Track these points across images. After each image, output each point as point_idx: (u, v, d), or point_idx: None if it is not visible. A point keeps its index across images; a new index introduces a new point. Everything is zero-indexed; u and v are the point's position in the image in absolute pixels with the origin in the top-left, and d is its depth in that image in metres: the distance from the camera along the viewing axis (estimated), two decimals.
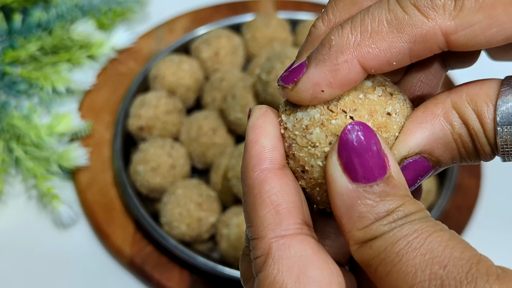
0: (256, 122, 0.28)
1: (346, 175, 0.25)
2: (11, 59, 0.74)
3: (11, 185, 0.69)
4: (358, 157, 0.25)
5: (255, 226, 0.26)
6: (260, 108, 0.29)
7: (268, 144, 0.27)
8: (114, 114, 0.73)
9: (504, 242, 0.66)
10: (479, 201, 0.68)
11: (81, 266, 0.64)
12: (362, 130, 0.25)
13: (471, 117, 0.27)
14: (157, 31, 0.81)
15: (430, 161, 0.28)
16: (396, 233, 0.24)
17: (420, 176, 0.28)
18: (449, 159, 0.28)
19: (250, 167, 0.27)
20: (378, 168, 0.25)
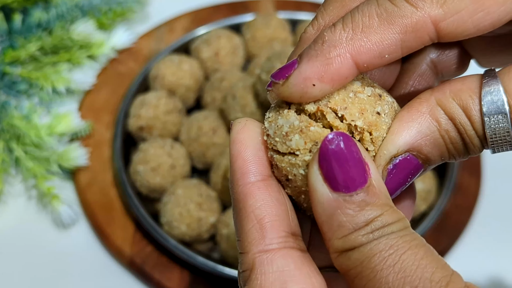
0: (237, 136, 0.28)
1: (326, 184, 0.25)
2: (11, 59, 0.74)
3: (11, 185, 0.69)
4: (338, 167, 0.25)
5: (241, 240, 0.27)
6: (240, 122, 0.29)
7: (250, 157, 0.28)
8: (114, 114, 0.73)
9: (504, 242, 0.66)
10: (479, 201, 0.68)
11: (81, 266, 0.64)
12: (342, 140, 0.25)
13: (457, 111, 0.27)
14: (157, 31, 0.81)
15: (419, 159, 0.28)
16: (373, 247, 0.25)
17: (411, 174, 0.28)
18: (437, 156, 0.28)
19: (235, 181, 0.27)
20: (359, 177, 0.25)
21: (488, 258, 0.65)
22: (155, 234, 0.62)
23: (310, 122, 0.27)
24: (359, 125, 0.28)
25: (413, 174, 0.28)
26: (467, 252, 0.65)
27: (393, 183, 0.28)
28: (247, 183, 0.27)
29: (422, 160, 0.28)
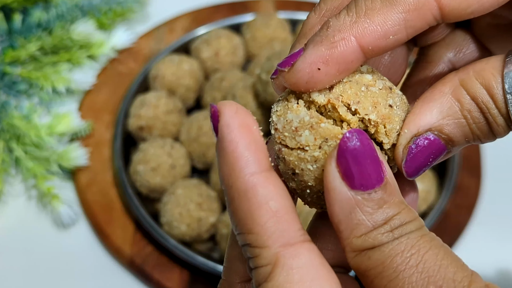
0: (232, 121, 0.26)
1: (345, 182, 0.25)
2: (11, 59, 0.74)
3: (11, 185, 0.69)
4: (357, 165, 0.25)
5: (257, 234, 0.25)
6: (231, 105, 0.27)
7: (251, 145, 0.26)
8: (114, 114, 0.73)
9: (504, 242, 0.66)
10: (479, 201, 0.68)
11: (81, 266, 0.64)
12: (360, 138, 0.25)
13: (479, 91, 0.27)
14: (157, 31, 0.81)
15: (441, 139, 0.28)
16: (395, 246, 0.24)
17: (432, 155, 0.28)
18: (460, 137, 0.28)
19: (237, 170, 0.25)
20: (376, 175, 0.25)
21: (488, 258, 0.65)
22: (155, 234, 0.62)
23: (321, 118, 0.27)
24: (373, 119, 0.28)
25: (435, 154, 0.28)
26: (467, 252, 0.65)
27: (415, 163, 0.28)
28: (254, 172, 0.25)
29: (444, 140, 0.28)
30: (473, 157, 0.71)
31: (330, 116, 0.29)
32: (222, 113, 0.26)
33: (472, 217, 0.67)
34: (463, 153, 0.70)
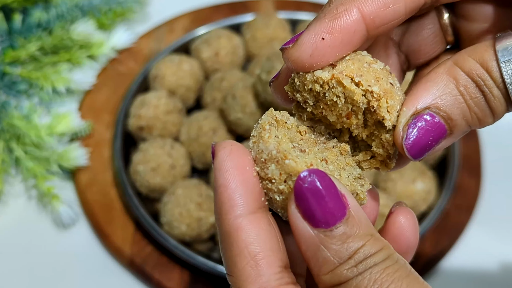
0: (223, 164, 0.28)
1: (306, 221, 0.26)
2: (11, 59, 0.74)
3: (11, 185, 0.69)
4: (315, 204, 0.25)
5: (235, 277, 0.26)
6: (225, 147, 0.28)
7: (239, 188, 0.27)
8: (114, 114, 0.73)
9: (504, 242, 0.66)
10: (479, 201, 0.68)
11: (81, 266, 0.64)
12: (316, 177, 0.26)
13: (473, 66, 0.28)
14: (157, 31, 0.81)
15: (440, 117, 0.28)
16: (359, 283, 0.25)
17: (433, 133, 0.28)
18: (459, 115, 0.28)
19: (224, 213, 0.27)
20: (337, 211, 0.25)
21: (488, 258, 0.65)
22: (155, 234, 0.62)
23: (285, 155, 0.27)
24: (376, 91, 0.28)
25: (436, 134, 0.28)
26: (467, 252, 0.65)
27: (415, 141, 0.28)
28: (238, 216, 0.27)
29: (443, 119, 0.28)
30: (473, 157, 0.71)
31: (325, 116, 0.30)
32: (216, 155, 0.28)
33: (472, 217, 0.67)
34: (463, 153, 0.70)
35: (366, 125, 0.30)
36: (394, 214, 0.32)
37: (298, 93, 0.30)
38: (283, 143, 0.28)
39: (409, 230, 0.31)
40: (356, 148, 0.32)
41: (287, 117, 0.30)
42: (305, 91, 0.30)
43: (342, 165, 0.30)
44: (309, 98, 0.30)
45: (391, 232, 0.31)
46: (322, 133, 0.32)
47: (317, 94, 0.29)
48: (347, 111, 0.30)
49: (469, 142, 0.71)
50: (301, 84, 0.30)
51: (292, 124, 0.30)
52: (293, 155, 0.27)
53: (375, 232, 0.26)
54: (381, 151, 0.30)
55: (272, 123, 0.29)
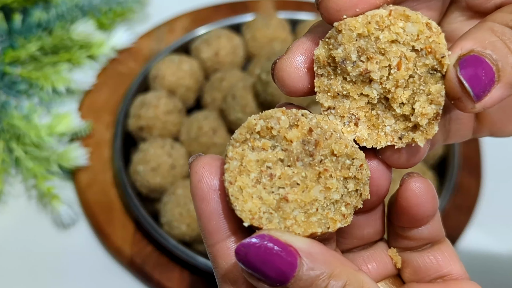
0: (196, 191, 0.28)
1: (262, 283, 0.26)
2: (11, 59, 0.74)
3: (11, 185, 0.69)
4: (263, 270, 0.26)
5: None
6: (197, 171, 0.28)
7: (213, 214, 0.28)
8: (114, 114, 0.73)
9: (504, 242, 0.66)
10: (479, 201, 0.68)
11: (81, 266, 0.64)
12: (250, 247, 0.26)
13: (507, 16, 0.28)
14: (157, 31, 0.81)
15: (485, 58, 0.27)
16: None
17: (483, 69, 0.27)
18: (502, 57, 0.28)
19: (204, 239, 0.28)
20: (285, 270, 0.26)
21: (488, 258, 0.65)
22: (155, 234, 0.62)
23: (234, 199, 0.28)
24: (434, 25, 0.28)
25: (487, 73, 0.27)
26: (467, 252, 0.65)
27: (471, 74, 0.27)
28: (215, 244, 0.28)
29: (489, 60, 0.27)
30: (473, 157, 0.71)
31: (367, 76, 0.29)
32: (190, 180, 0.29)
33: (472, 217, 0.67)
34: (463, 153, 0.70)
35: (408, 82, 0.29)
36: (404, 182, 0.31)
37: (339, 48, 0.29)
38: (241, 180, 0.28)
39: (421, 196, 0.31)
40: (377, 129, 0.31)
41: (276, 120, 0.29)
42: (352, 41, 0.28)
43: (313, 195, 0.29)
44: (353, 51, 0.29)
45: (400, 202, 0.31)
46: (343, 115, 0.30)
47: (366, 42, 0.28)
48: (398, 59, 0.28)
49: (469, 142, 0.71)
50: (347, 32, 0.28)
51: (280, 129, 0.29)
52: (241, 199, 0.28)
53: (335, 265, 0.26)
54: (429, 109, 0.29)
55: (247, 138, 0.29)
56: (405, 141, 0.30)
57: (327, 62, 0.30)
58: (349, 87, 0.30)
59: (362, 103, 0.30)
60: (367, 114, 0.30)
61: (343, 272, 0.26)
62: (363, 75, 0.29)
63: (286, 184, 0.29)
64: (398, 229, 0.33)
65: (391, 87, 0.29)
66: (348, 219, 0.29)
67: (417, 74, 0.29)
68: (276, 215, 0.28)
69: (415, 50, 0.28)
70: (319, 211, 0.29)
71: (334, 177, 0.29)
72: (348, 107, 0.30)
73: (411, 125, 0.30)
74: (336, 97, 0.30)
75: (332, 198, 0.29)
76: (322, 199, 0.29)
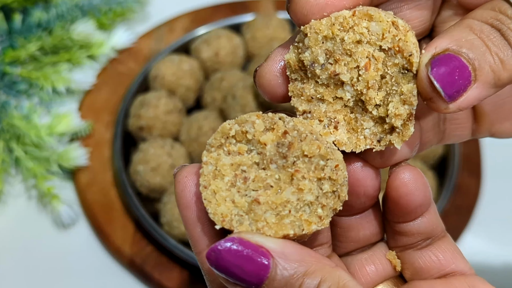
0: (180, 200, 0.29)
1: (237, 287, 0.26)
2: (11, 59, 0.74)
3: (11, 185, 0.69)
4: (236, 272, 0.26)
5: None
6: (179, 181, 0.29)
7: (198, 224, 0.28)
8: (114, 114, 0.73)
9: (504, 242, 0.66)
10: (479, 201, 0.68)
11: (81, 266, 0.64)
12: (219, 255, 0.26)
13: (486, 12, 0.28)
14: (157, 31, 0.81)
15: (461, 57, 0.27)
16: None
17: (457, 69, 0.27)
18: (479, 55, 0.27)
19: (191, 246, 0.29)
20: (258, 271, 0.26)
21: (488, 258, 0.65)
22: (155, 234, 0.62)
23: (207, 202, 0.28)
24: (401, 23, 0.28)
25: (461, 73, 0.27)
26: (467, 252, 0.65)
27: (442, 74, 0.27)
28: (201, 251, 0.29)
29: (465, 59, 0.27)
30: (473, 157, 0.71)
31: (337, 79, 0.29)
32: (175, 191, 0.29)
33: (472, 217, 0.67)
34: (463, 153, 0.70)
35: (381, 83, 0.29)
36: (392, 173, 0.30)
37: (307, 52, 0.29)
38: (214, 184, 0.28)
39: (411, 184, 0.30)
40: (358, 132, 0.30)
41: (251, 124, 0.29)
42: (318, 44, 0.29)
43: (285, 196, 0.29)
44: (320, 54, 0.29)
45: (390, 192, 0.30)
46: (321, 119, 0.30)
47: (333, 44, 0.28)
48: (366, 60, 0.28)
49: (469, 142, 0.71)
50: (313, 35, 0.28)
51: (255, 133, 0.29)
52: (214, 203, 0.28)
53: (310, 263, 0.26)
54: (402, 110, 0.28)
55: (222, 143, 0.29)
56: (384, 144, 0.30)
57: (298, 66, 0.30)
58: (322, 91, 0.30)
59: (338, 106, 0.30)
60: (345, 117, 0.30)
61: (318, 269, 0.26)
62: (333, 78, 0.29)
63: (260, 187, 0.29)
64: (394, 225, 0.32)
65: (362, 89, 0.29)
66: (325, 221, 0.29)
67: (389, 75, 0.28)
68: (247, 217, 0.28)
69: (383, 50, 0.28)
70: (292, 213, 0.28)
71: (307, 178, 0.28)
72: (324, 110, 0.30)
73: (388, 127, 0.29)
74: (310, 101, 0.30)
75: (306, 199, 0.28)
76: (294, 200, 0.28)
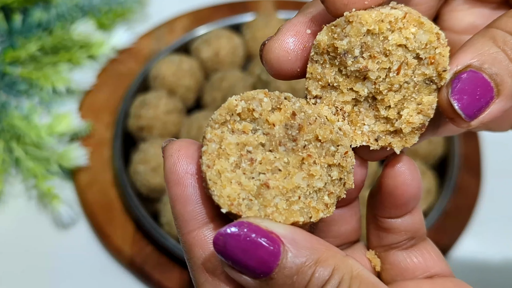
0: (171, 175, 0.27)
1: (245, 276, 0.25)
2: (11, 59, 0.74)
3: (11, 185, 0.69)
4: (243, 259, 0.24)
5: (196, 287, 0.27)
6: (172, 154, 0.27)
7: (189, 200, 0.26)
8: (114, 114, 0.73)
9: (504, 242, 0.66)
10: (479, 201, 0.68)
11: (81, 266, 0.64)
12: (227, 240, 0.24)
13: (510, 22, 0.27)
14: (157, 31, 0.81)
15: (483, 74, 0.27)
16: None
17: (479, 88, 0.26)
18: (502, 70, 0.27)
19: (178, 228, 0.27)
20: (268, 259, 0.24)
21: (488, 258, 0.65)
22: (155, 234, 0.62)
23: (212, 183, 0.26)
24: (443, 36, 0.27)
25: (483, 91, 0.26)
26: (467, 252, 0.65)
27: (463, 95, 0.26)
28: (190, 231, 0.26)
29: (487, 75, 0.27)
30: (473, 157, 0.71)
31: (363, 73, 0.28)
32: (164, 164, 0.27)
33: (472, 217, 0.67)
34: (463, 153, 0.70)
35: (401, 87, 0.28)
36: (390, 162, 0.30)
37: (345, 39, 0.28)
38: (219, 163, 0.27)
39: (407, 174, 0.30)
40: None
41: (258, 102, 0.28)
42: (359, 35, 0.28)
43: (295, 181, 0.27)
44: (358, 46, 0.28)
45: (387, 181, 0.30)
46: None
47: (373, 40, 0.28)
48: (399, 64, 0.28)
49: (469, 142, 0.71)
50: (357, 25, 0.27)
51: (262, 112, 0.28)
52: (219, 184, 0.26)
53: (322, 251, 0.25)
54: (416, 119, 0.28)
55: (227, 120, 0.28)
56: (381, 143, 0.29)
57: (327, 50, 0.29)
58: (341, 80, 0.29)
59: (348, 98, 0.29)
60: (349, 109, 0.29)
61: (330, 258, 0.25)
62: (361, 72, 0.28)
63: (267, 170, 0.27)
64: (381, 221, 0.32)
65: (384, 89, 0.28)
66: (330, 209, 0.28)
67: (413, 82, 0.28)
68: (256, 202, 0.27)
69: (418, 58, 0.28)
70: (302, 199, 0.27)
71: (318, 164, 0.27)
72: (334, 99, 0.29)
73: (392, 129, 0.29)
74: (325, 87, 0.29)
75: (316, 186, 0.27)
76: (305, 186, 0.27)
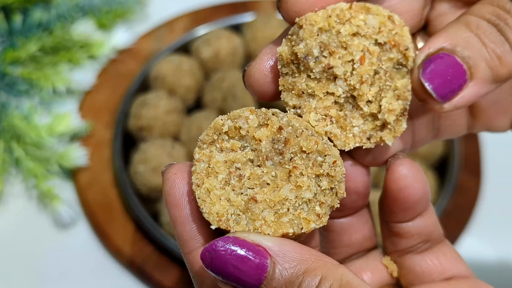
0: (169, 198, 0.28)
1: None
2: (11, 59, 0.74)
3: (12, 185, 0.69)
4: (233, 273, 0.25)
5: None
6: (167, 179, 0.28)
7: (187, 221, 0.27)
8: (114, 114, 0.73)
9: (504, 242, 0.66)
10: (479, 201, 0.68)
11: (81, 266, 0.64)
12: (214, 255, 0.25)
13: (483, 8, 0.27)
14: (157, 31, 0.81)
15: (456, 56, 0.26)
16: None
17: (451, 70, 0.26)
18: (475, 53, 0.26)
19: (180, 247, 0.28)
20: (255, 272, 0.25)
21: (488, 258, 0.65)
22: (155, 234, 0.62)
23: (202, 201, 0.27)
24: (397, 18, 0.28)
25: (455, 72, 0.26)
26: (467, 252, 0.65)
27: (434, 75, 0.26)
28: (191, 251, 0.27)
29: (459, 58, 0.26)
30: (473, 157, 0.71)
31: (330, 72, 0.28)
32: (163, 189, 0.28)
33: (472, 217, 0.67)
34: (463, 153, 0.70)
35: (374, 79, 0.28)
36: (391, 165, 0.30)
37: (301, 44, 0.28)
38: (208, 182, 0.28)
39: (409, 177, 0.30)
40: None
41: (244, 120, 0.29)
42: (313, 36, 0.28)
43: (283, 194, 0.28)
44: (315, 46, 0.28)
45: (390, 185, 0.30)
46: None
47: (328, 36, 0.28)
48: (361, 53, 0.28)
49: (469, 142, 0.71)
50: (308, 27, 0.28)
51: (249, 129, 0.29)
52: (208, 202, 0.27)
53: (310, 261, 0.25)
54: (395, 105, 0.28)
55: (214, 139, 0.29)
56: (374, 141, 0.29)
57: (291, 60, 0.29)
58: (313, 85, 0.29)
59: (328, 102, 0.29)
60: (334, 115, 0.30)
61: (318, 267, 0.25)
62: (327, 71, 0.29)
63: (256, 184, 0.28)
64: (392, 226, 0.32)
65: (356, 83, 0.28)
66: (323, 219, 0.28)
67: (383, 70, 0.28)
68: (244, 216, 0.27)
69: (378, 44, 0.28)
70: (291, 211, 0.28)
71: (305, 175, 0.28)
72: (314, 106, 0.30)
73: (379, 123, 0.29)
74: (301, 96, 0.30)
75: (304, 197, 0.28)
76: (293, 198, 0.28)
